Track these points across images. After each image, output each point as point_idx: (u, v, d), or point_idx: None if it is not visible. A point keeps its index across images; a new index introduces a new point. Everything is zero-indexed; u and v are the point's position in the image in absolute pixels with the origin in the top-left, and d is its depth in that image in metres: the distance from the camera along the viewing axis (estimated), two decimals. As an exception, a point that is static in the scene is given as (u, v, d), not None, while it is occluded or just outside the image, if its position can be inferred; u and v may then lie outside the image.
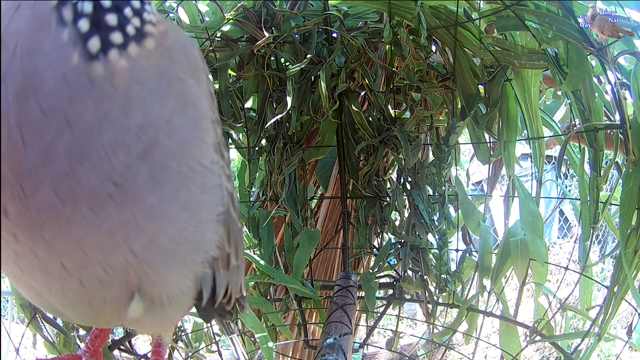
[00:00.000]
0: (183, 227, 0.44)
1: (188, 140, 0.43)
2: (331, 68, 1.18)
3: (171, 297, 0.47)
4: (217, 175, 0.47)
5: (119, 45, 0.38)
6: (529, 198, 1.11)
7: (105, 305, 0.45)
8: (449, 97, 1.18)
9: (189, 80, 0.44)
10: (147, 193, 0.40)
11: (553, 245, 4.04)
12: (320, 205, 1.62)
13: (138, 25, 0.40)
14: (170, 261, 0.44)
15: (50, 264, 0.41)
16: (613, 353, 3.01)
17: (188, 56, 0.45)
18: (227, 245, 0.51)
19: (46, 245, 0.39)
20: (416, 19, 1.05)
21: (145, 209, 0.40)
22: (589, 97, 1.00)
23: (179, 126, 0.42)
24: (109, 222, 0.39)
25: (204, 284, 0.50)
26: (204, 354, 1.38)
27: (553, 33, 0.98)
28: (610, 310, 1.02)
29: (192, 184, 0.43)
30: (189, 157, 0.43)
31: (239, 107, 1.24)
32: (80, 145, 0.36)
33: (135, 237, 0.40)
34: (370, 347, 2.55)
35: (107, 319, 0.48)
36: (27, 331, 1.08)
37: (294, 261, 1.24)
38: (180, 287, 0.47)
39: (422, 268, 1.25)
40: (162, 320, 0.52)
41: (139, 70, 0.39)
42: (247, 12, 1.13)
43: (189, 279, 0.48)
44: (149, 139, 0.39)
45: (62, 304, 0.46)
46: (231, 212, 0.51)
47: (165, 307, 0.47)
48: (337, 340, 0.99)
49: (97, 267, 0.41)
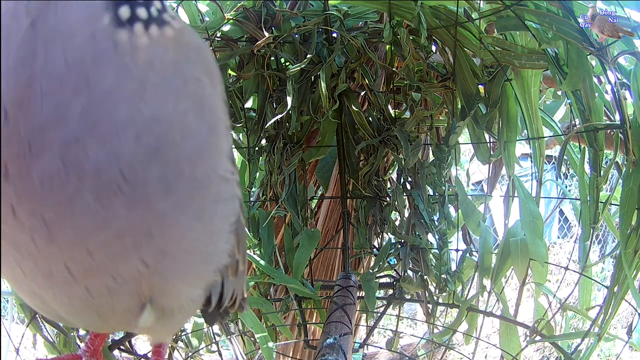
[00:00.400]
0: (196, 238, 0.42)
1: (203, 145, 0.41)
2: (331, 68, 1.18)
3: (181, 307, 0.47)
4: (232, 185, 0.46)
5: (144, 20, 0.39)
6: (529, 198, 1.11)
7: (114, 315, 0.44)
8: (449, 97, 1.18)
9: (205, 80, 0.43)
10: (158, 197, 0.38)
11: (553, 245, 4.04)
12: (320, 205, 1.62)
13: (160, 8, 0.40)
14: (184, 273, 0.44)
15: (54, 264, 0.39)
16: (613, 353, 3.01)
17: (204, 58, 0.45)
18: (237, 252, 0.50)
19: (47, 231, 0.37)
20: (416, 19, 1.05)
21: (156, 215, 0.39)
22: (589, 97, 1.00)
23: (194, 128, 0.41)
24: (117, 222, 0.37)
25: (214, 291, 0.50)
26: (204, 354, 1.38)
27: (553, 33, 0.98)
28: (610, 310, 1.02)
29: (206, 192, 0.42)
30: (204, 164, 0.42)
31: (239, 107, 1.24)
32: (94, 111, 0.36)
33: (146, 245, 0.39)
34: (370, 347, 2.55)
35: (115, 326, 0.47)
36: (27, 331, 1.09)
37: (294, 261, 1.24)
38: (192, 296, 0.47)
39: (422, 268, 1.25)
40: (171, 328, 0.52)
41: (157, 56, 0.39)
42: (247, 12, 1.13)
43: (201, 288, 0.47)
44: (161, 134, 0.38)
45: (67, 312, 0.44)
46: (240, 218, 0.50)
47: (176, 315, 0.47)
48: (337, 340, 0.99)
49: (105, 275, 0.40)
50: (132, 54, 0.37)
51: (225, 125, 0.46)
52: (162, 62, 0.39)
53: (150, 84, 0.38)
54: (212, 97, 0.44)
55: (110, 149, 0.36)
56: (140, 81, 0.38)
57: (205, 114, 0.42)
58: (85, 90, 0.36)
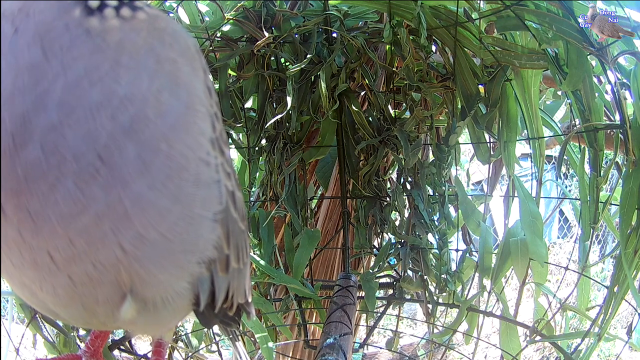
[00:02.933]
0: (174, 222, 0.42)
1: (179, 123, 0.42)
2: (331, 68, 1.18)
3: (165, 300, 0.46)
4: (214, 170, 0.45)
5: (114, 6, 0.41)
6: (529, 198, 1.11)
7: (98, 306, 0.44)
8: (449, 97, 1.18)
9: (180, 61, 0.44)
10: (134, 176, 0.39)
11: (553, 245, 4.04)
12: (320, 205, 1.62)
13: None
14: (163, 260, 0.43)
15: (39, 254, 0.40)
16: (613, 353, 3.01)
17: (181, 44, 0.45)
18: (225, 247, 0.49)
19: (32, 222, 0.38)
20: (416, 19, 1.05)
21: (133, 195, 0.39)
22: (589, 97, 1.00)
23: (169, 106, 0.41)
24: (95, 205, 0.38)
25: (201, 287, 0.48)
26: (204, 354, 1.39)
27: (553, 33, 0.98)
28: (610, 310, 1.02)
29: (184, 173, 0.42)
30: (181, 143, 0.42)
31: (239, 107, 1.24)
32: (71, 96, 0.37)
33: (123, 228, 0.39)
34: (370, 347, 2.55)
35: (102, 320, 0.47)
36: (27, 331, 1.09)
37: (294, 261, 1.24)
38: (175, 288, 0.46)
39: (422, 268, 1.25)
40: (157, 323, 0.51)
41: (129, 37, 0.41)
42: (247, 12, 1.13)
43: (184, 280, 0.46)
44: (135, 112, 0.39)
45: (54, 303, 0.45)
46: (231, 211, 0.49)
47: (160, 309, 0.46)
48: (337, 340, 0.99)
49: (86, 262, 0.40)
50: (104, 36, 0.40)
51: (207, 109, 0.46)
52: (134, 43, 0.41)
53: (123, 64, 0.40)
54: (190, 78, 0.44)
55: (87, 132, 0.37)
56: (112, 62, 0.39)
57: (181, 92, 0.43)
58: (62, 75, 0.38)
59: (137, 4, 0.43)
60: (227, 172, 0.49)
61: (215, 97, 0.50)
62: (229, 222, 0.48)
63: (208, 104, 0.47)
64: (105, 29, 0.40)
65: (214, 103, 0.49)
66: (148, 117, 0.40)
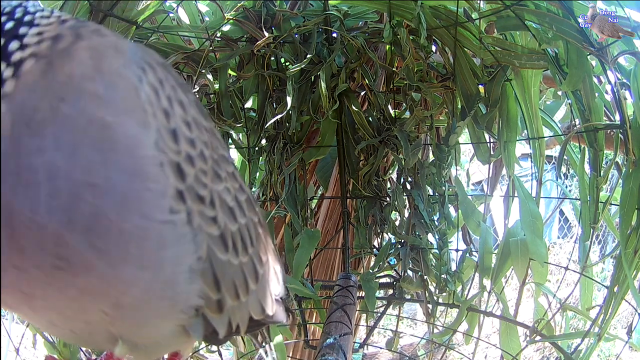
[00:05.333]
0: (146, 287, 0.40)
1: (125, 198, 0.37)
2: (331, 68, 1.18)
3: (156, 342, 0.47)
4: (183, 223, 0.41)
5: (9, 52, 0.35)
6: (529, 198, 1.11)
7: (100, 344, 0.47)
8: (449, 97, 1.18)
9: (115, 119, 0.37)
10: (94, 262, 0.37)
11: (553, 245, 4.04)
12: (320, 205, 1.62)
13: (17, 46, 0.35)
14: (143, 317, 0.43)
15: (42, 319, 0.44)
16: (613, 353, 3.00)
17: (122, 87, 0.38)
18: (213, 293, 0.45)
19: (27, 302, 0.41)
20: (416, 19, 1.05)
21: (97, 275, 0.38)
22: (589, 97, 1.00)
23: (106, 181, 0.36)
24: (69, 290, 0.39)
25: (192, 329, 0.45)
26: (204, 354, 1.38)
27: (553, 33, 0.98)
28: (610, 310, 1.02)
29: (144, 242, 0.38)
30: (133, 216, 0.37)
31: (239, 107, 1.24)
32: (6, 206, 0.35)
33: (100, 300, 0.40)
34: (370, 347, 2.55)
35: (109, 347, 0.49)
36: (27, 331, 1.09)
37: (294, 261, 1.24)
38: (163, 333, 0.45)
39: (422, 268, 1.25)
40: (156, 353, 0.51)
41: (21, 110, 0.34)
42: (247, 12, 1.13)
43: (172, 324, 0.45)
44: (67, 202, 0.35)
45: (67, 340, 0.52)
46: (217, 255, 0.45)
47: (153, 347, 0.47)
48: (337, 340, 0.99)
49: (79, 322, 0.43)
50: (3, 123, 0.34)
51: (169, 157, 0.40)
52: (32, 117, 0.34)
53: (25, 147, 0.34)
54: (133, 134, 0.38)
55: (34, 238, 0.36)
56: (14, 148, 0.34)
57: (121, 159, 0.37)
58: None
59: (24, 57, 0.35)
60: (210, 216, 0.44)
61: (197, 128, 0.44)
62: (214, 267, 0.45)
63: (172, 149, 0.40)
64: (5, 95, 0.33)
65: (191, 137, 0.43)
66: (85, 202, 0.35)
